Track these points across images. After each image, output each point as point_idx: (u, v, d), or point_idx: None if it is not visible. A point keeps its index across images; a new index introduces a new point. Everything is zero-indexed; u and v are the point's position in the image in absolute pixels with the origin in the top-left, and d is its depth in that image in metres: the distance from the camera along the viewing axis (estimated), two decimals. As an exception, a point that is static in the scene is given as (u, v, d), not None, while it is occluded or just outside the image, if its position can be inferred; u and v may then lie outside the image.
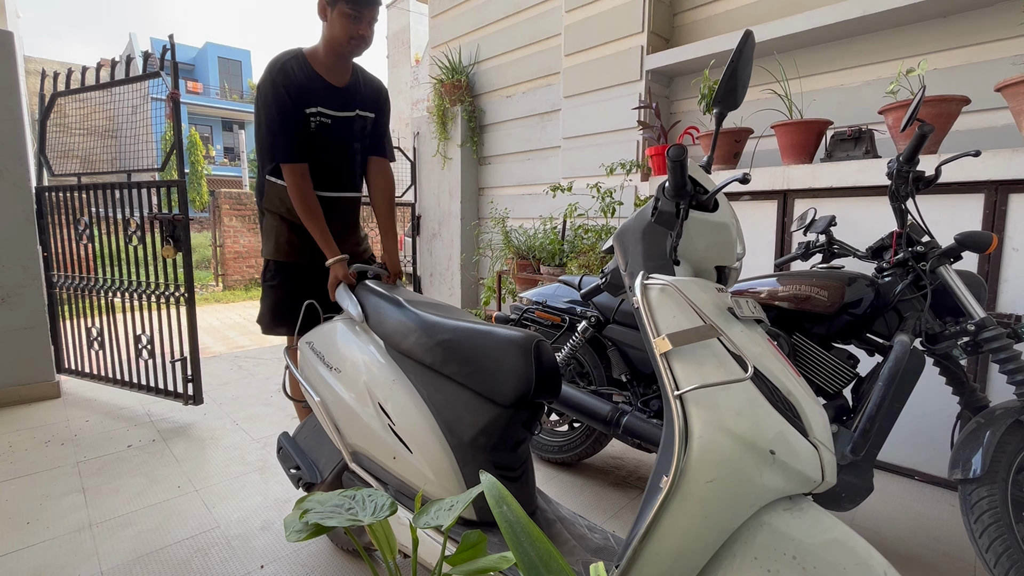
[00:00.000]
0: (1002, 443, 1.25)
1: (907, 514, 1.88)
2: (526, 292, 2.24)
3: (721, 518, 0.80)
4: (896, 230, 1.50)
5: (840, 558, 0.75)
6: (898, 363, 1.33)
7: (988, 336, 1.33)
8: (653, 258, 0.98)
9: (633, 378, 1.84)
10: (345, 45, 1.69)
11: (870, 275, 1.54)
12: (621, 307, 1.85)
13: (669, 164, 0.93)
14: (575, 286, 2.04)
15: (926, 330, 1.43)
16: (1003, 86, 1.82)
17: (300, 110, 1.67)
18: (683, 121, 3.14)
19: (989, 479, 1.23)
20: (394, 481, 1.27)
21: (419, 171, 4.85)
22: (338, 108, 1.75)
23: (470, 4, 4.39)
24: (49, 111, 2.96)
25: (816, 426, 0.86)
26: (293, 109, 1.65)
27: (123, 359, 2.90)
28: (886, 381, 1.34)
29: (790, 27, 2.45)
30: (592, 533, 1.23)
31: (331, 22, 1.66)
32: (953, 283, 1.38)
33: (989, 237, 1.37)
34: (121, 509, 1.86)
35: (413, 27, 19.30)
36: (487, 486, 0.69)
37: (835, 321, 1.52)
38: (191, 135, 16.63)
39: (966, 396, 1.47)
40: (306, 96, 1.68)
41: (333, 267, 1.66)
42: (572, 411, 1.85)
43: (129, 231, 2.72)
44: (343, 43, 1.68)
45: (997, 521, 1.20)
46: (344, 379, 1.36)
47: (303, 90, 1.67)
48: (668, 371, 0.86)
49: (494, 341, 1.16)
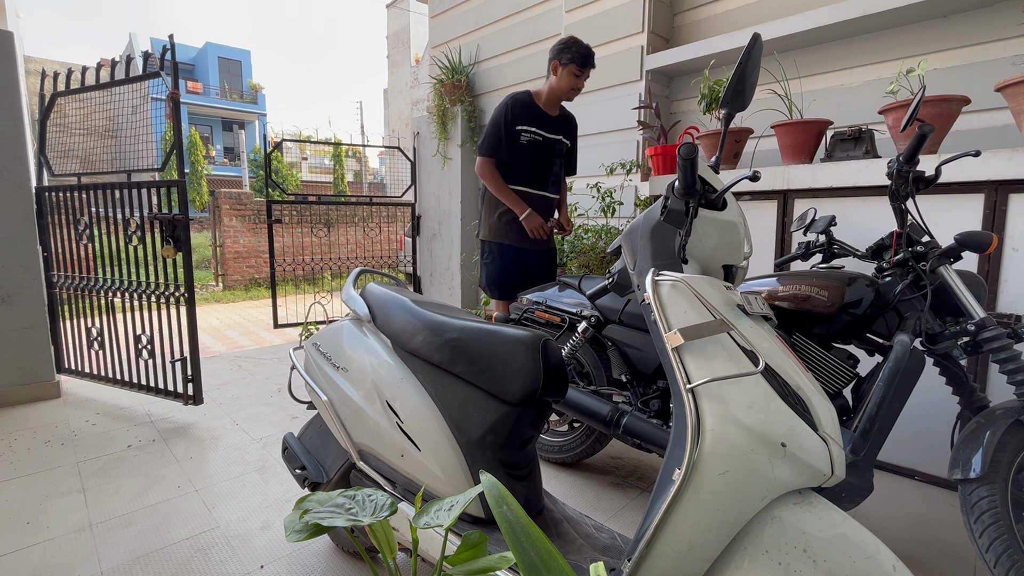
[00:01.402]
0: (1002, 443, 1.25)
1: (907, 514, 1.88)
2: (526, 292, 2.25)
3: (733, 510, 0.81)
4: (896, 230, 1.50)
5: (850, 552, 0.76)
6: (898, 363, 1.33)
7: (988, 336, 1.33)
8: (662, 256, 0.99)
9: (633, 378, 1.84)
10: (566, 94, 2.37)
11: (870, 275, 1.54)
12: (627, 308, 1.85)
13: (680, 163, 0.94)
14: (575, 286, 2.04)
15: (926, 330, 1.43)
16: (1003, 86, 1.82)
17: (512, 127, 2.35)
18: (683, 121, 3.14)
19: (989, 479, 1.23)
20: (402, 479, 1.28)
21: (419, 171, 4.85)
22: (547, 131, 2.42)
23: (470, 4, 4.39)
24: (49, 111, 2.96)
25: (825, 420, 0.87)
26: (506, 125, 2.34)
27: (123, 359, 2.90)
28: (886, 381, 1.33)
29: (790, 27, 2.45)
30: (599, 532, 1.24)
31: (559, 76, 2.32)
32: (953, 283, 1.38)
33: (989, 237, 1.37)
34: (121, 509, 1.86)
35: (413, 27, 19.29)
36: (487, 486, 0.69)
37: (835, 321, 1.51)
38: (191, 135, 16.63)
39: (966, 396, 1.47)
40: (522, 119, 2.36)
41: (526, 219, 2.35)
42: (572, 411, 1.85)
43: (129, 231, 2.72)
44: (564, 93, 2.36)
45: (997, 521, 1.20)
46: (351, 378, 1.37)
47: (521, 116, 2.35)
48: (680, 365, 0.86)
49: (502, 340, 1.18)
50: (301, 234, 7.66)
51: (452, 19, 4.58)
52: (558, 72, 2.30)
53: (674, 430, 0.88)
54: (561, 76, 2.30)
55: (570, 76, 2.29)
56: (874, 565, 0.75)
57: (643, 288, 0.95)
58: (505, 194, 2.37)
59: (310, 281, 7.89)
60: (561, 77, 2.30)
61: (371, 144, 7.35)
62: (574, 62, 2.26)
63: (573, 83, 2.31)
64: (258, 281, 8.05)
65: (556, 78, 2.32)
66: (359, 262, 6.00)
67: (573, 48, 2.26)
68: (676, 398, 0.87)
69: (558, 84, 2.32)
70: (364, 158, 17.42)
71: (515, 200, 2.36)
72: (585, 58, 2.28)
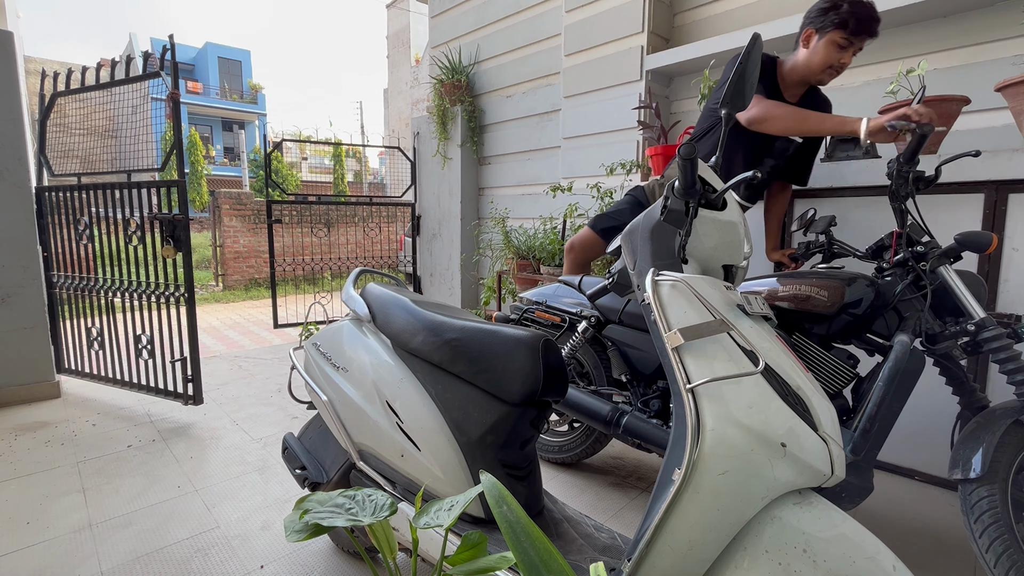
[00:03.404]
0: (1002, 443, 1.25)
1: (907, 514, 1.88)
2: (526, 292, 2.24)
3: (733, 510, 0.81)
4: (896, 230, 1.50)
5: (850, 552, 0.77)
6: (898, 363, 1.33)
7: (988, 336, 1.33)
8: (662, 256, 0.99)
9: (633, 378, 1.84)
10: (818, 74, 1.69)
11: (870, 275, 1.54)
12: (627, 308, 1.84)
13: (680, 163, 0.94)
14: (575, 286, 2.04)
15: (926, 330, 1.43)
16: (1003, 86, 1.82)
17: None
18: (683, 121, 3.14)
19: (989, 479, 1.23)
20: (402, 479, 1.28)
21: (419, 171, 4.85)
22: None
23: (470, 4, 4.39)
24: (49, 111, 2.96)
25: (825, 420, 0.87)
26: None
27: (123, 359, 2.90)
28: (886, 381, 1.33)
29: (790, 27, 2.45)
30: (599, 532, 1.24)
31: (814, 49, 1.65)
32: (953, 283, 1.38)
33: (989, 237, 1.36)
34: (121, 509, 1.86)
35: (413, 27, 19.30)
36: (487, 486, 0.69)
37: (835, 321, 1.51)
38: (191, 135, 16.63)
39: (966, 396, 1.47)
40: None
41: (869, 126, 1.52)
42: (572, 411, 1.85)
43: (129, 231, 2.72)
44: (817, 71, 1.69)
45: (997, 521, 1.20)
46: (351, 378, 1.37)
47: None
48: (680, 365, 0.86)
49: (502, 340, 1.18)
50: (301, 234, 7.66)
51: (452, 19, 4.58)
52: (811, 44, 1.66)
53: (674, 430, 0.89)
54: (817, 49, 1.65)
55: (830, 47, 1.63)
56: (874, 565, 0.75)
57: (643, 288, 0.95)
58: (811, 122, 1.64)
59: (310, 281, 7.88)
60: (816, 51, 1.65)
61: (371, 144, 7.35)
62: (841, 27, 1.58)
63: (833, 57, 1.64)
64: (258, 281, 8.05)
65: (809, 52, 1.68)
66: (359, 262, 6.00)
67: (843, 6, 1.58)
68: (676, 398, 0.87)
69: (809, 59, 1.67)
70: (364, 158, 17.42)
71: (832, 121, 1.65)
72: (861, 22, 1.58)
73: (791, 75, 1.76)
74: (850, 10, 1.58)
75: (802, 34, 1.69)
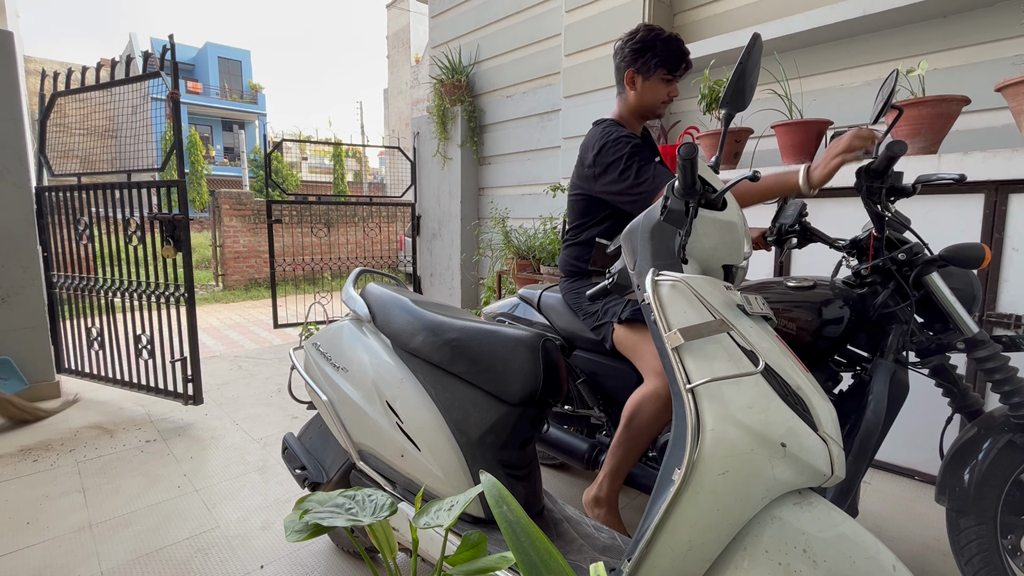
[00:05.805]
0: (992, 469, 1.19)
1: (907, 514, 1.88)
2: (488, 307, 2.06)
3: (733, 510, 0.81)
4: (873, 232, 1.32)
5: (850, 552, 0.77)
6: (879, 401, 1.23)
7: (981, 356, 1.21)
8: (661, 256, 0.99)
9: (607, 406, 1.72)
10: (657, 108, 1.73)
11: (843, 286, 1.40)
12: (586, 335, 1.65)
13: (680, 163, 0.93)
14: (534, 304, 1.86)
15: (915, 343, 1.31)
16: (1003, 86, 1.82)
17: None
18: (683, 121, 3.14)
19: (977, 512, 1.18)
20: (402, 479, 1.28)
21: (419, 171, 4.85)
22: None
23: (470, 4, 4.39)
24: (49, 111, 2.96)
25: (824, 421, 0.87)
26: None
27: (123, 359, 2.90)
28: (870, 416, 1.23)
29: (790, 27, 2.45)
30: (599, 532, 1.24)
31: (644, 90, 1.69)
32: (943, 295, 1.24)
33: (980, 251, 1.15)
34: (121, 509, 1.86)
35: (413, 27, 19.30)
36: (487, 486, 0.69)
37: (811, 348, 1.38)
38: (191, 135, 16.63)
39: (958, 399, 1.37)
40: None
41: (811, 178, 1.24)
42: (551, 449, 1.76)
43: (129, 231, 2.72)
44: (656, 107, 1.72)
45: (984, 552, 1.17)
46: (351, 378, 1.37)
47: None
48: (680, 365, 0.87)
49: (502, 340, 1.18)
50: (301, 234, 7.66)
51: (452, 19, 4.58)
52: (639, 86, 1.68)
53: (674, 430, 0.89)
54: (647, 89, 1.68)
55: (660, 84, 1.67)
56: (874, 565, 0.75)
57: (643, 288, 0.95)
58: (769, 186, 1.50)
59: (310, 281, 7.88)
60: (647, 91, 1.68)
61: (371, 144, 7.35)
62: (663, 66, 1.64)
63: (662, 93, 1.69)
64: (258, 281, 8.05)
65: (638, 94, 1.70)
66: (359, 262, 6.00)
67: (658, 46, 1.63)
68: (676, 398, 0.88)
69: (642, 100, 1.70)
70: (364, 158, 17.43)
71: (778, 179, 1.48)
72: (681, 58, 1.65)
73: (630, 117, 1.77)
74: (666, 48, 1.63)
75: (624, 76, 1.71)
